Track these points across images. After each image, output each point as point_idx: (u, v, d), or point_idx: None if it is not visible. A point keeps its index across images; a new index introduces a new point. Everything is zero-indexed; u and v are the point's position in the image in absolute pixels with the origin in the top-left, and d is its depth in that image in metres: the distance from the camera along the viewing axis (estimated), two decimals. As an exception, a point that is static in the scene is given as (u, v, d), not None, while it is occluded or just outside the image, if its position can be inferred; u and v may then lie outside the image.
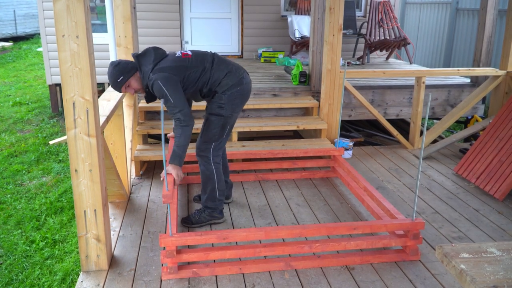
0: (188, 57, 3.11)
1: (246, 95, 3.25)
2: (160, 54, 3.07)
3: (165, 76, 2.96)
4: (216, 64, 3.14)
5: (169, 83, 2.94)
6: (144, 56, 3.05)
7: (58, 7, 2.36)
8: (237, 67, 3.22)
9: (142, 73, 3.04)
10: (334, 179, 4.31)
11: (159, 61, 3.03)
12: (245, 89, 3.22)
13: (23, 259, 3.80)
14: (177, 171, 3.01)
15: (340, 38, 4.71)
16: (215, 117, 3.18)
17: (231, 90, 3.14)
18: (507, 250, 1.69)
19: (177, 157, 3.01)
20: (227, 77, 3.13)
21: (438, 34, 9.66)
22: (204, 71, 3.11)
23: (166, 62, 3.04)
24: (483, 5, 5.33)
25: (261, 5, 7.75)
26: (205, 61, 3.13)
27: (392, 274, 2.82)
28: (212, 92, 3.16)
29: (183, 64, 3.06)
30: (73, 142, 2.57)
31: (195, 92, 3.18)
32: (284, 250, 2.85)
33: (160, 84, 2.92)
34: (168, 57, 3.09)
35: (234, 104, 3.18)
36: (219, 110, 3.16)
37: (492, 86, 5.22)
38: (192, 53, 3.15)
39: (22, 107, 8.45)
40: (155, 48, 3.10)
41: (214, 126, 3.20)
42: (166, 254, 2.70)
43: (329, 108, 4.91)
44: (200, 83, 3.12)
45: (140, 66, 3.04)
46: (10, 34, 16.85)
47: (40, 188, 5.10)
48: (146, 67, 3.02)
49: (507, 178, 3.91)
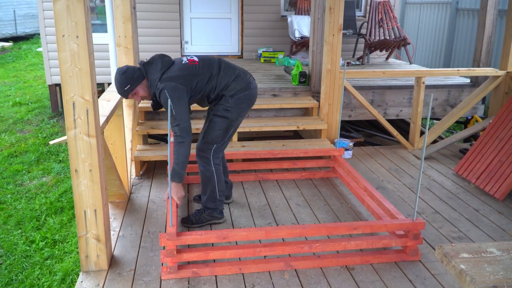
0: (195, 64, 3.10)
1: (253, 100, 3.26)
2: (167, 62, 3.06)
3: (173, 86, 2.95)
4: (223, 70, 3.14)
5: (175, 93, 2.94)
6: (151, 64, 3.04)
7: (58, 7, 2.36)
8: (244, 72, 3.22)
9: (150, 81, 3.03)
10: (334, 179, 4.31)
11: (166, 69, 3.02)
12: (252, 94, 3.22)
13: (23, 259, 3.80)
14: (177, 191, 3.06)
15: (340, 38, 4.71)
16: (219, 119, 3.17)
17: (238, 94, 3.14)
18: (507, 250, 1.69)
19: (177, 176, 3.04)
20: (235, 81, 3.13)
21: (438, 34, 9.67)
22: (211, 78, 3.10)
23: (174, 71, 3.02)
24: (483, 5, 5.33)
25: (261, 5, 7.75)
26: (212, 68, 3.12)
27: (392, 274, 2.82)
28: (219, 96, 3.16)
29: (190, 72, 3.05)
30: (73, 142, 2.57)
31: (202, 98, 3.17)
32: (284, 250, 2.85)
33: (166, 94, 2.92)
34: (175, 64, 3.07)
35: (240, 108, 3.18)
36: (225, 112, 3.15)
37: (492, 86, 5.22)
38: (199, 59, 3.14)
39: (22, 107, 8.45)
40: (161, 56, 3.09)
41: (218, 128, 3.19)
42: (166, 253, 2.71)
43: (329, 108, 4.91)
44: (208, 89, 3.11)
45: (148, 74, 3.03)
46: (10, 34, 16.85)
47: (40, 188, 5.10)
48: (154, 75, 3.00)
49: (507, 178, 3.91)
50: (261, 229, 2.83)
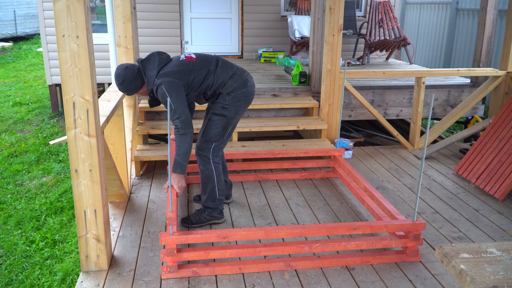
0: (192, 60, 3.12)
1: (250, 98, 3.27)
2: (164, 58, 3.09)
3: (169, 81, 2.98)
4: (220, 67, 3.16)
5: (172, 88, 2.96)
6: (148, 61, 3.07)
7: (58, 7, 2.36)
8: (241, 70, 3.24)
9: (147, 78, 3.05)
10: (334, 179, 4.31)
11: (163, 66, 3.06)
12: (249, 91, 3.24)
13: (23, 259, 3.80)
14: (178, 180, 3.05)
15: (340, 38, 4.71)
16: (217, 117, 3.19)
17: (235, 92, 3.16)
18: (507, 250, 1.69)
19: (178, 166, 3.04)
20: (231, 79, 3.16)
21: (438, 34, 9.67)
22: (208, 74, 3.12)
23: (171, 67, 3.05)
24: (483, 5, 5.34)
25: (261, 5, 7.75)
26: (209, 64, 3.14)
27: (392, 274, 2.82)
28: (216, 94, 3.18)
29: (187, 68, 3.07)
30: (73, 142, 2.57)
31: (199, 95, 3.19)
32: (284, 250, 2.85)
33: (163, 89, 2.94)
34: (172, 61, 3.10)
35: (238, 106, 3.19)
36: (223, 110, 3.17)
37: (492, 87, 5.22)
38: (196, 56, 3.17)
39: (22, 107, 8.46)
40: (159, 53, 3.11)
41: (216, 126, 3.21)
42: (167, 252, 2.71)
43: (329, 108, 4.91)
44: (204, 86, 3.13)
45: (145, 71, 3.06)
46: (10, 34, 16.85)
47: (40, 188, 5.10)
48: (151, 72, 3.04)
49: (507, 178, 3.91)
50: (261, 229, 2.83)
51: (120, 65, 3.10)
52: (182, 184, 3.08)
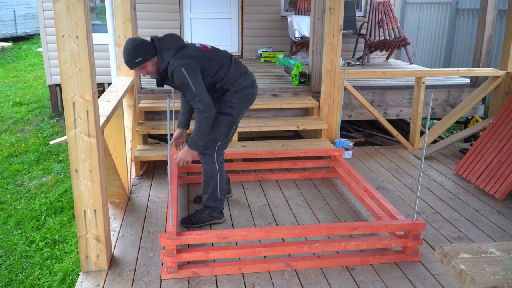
0: (208, 50, 3.14)
1: (253, 99, 3.33)
2: (181, 41, 3.08)
3: (188, 63, 2.96)
4: (234, 63, 3.21)
5: (192, 70, 2.95)
6: (164, 41, 3.03)
7: (58, 7, 2.36)
8: (250, 72, 3.31)
9: (162, 57, 3.00)
10: (334, 179, 4.31)
11: (181, 49, 3.04)
12: (255, 92, 3.30)
13: (23, 259, 3.80)
14: (186, 155, 3.12)
15: (340, 38, 4.71)
16: (224, 117, 3.20)
17: (243, 90, 3.19)
18: (507, 250, 1.69)
19: (194, 143, 3.09)
20: (242, 77, 3.20)
21: (438, 34, 9.67)
22: (222, 67, 3.14)
23: (188, 51, 3.04)
24: (483, 5, 5.33)
25: (261, 5, 7.75)
26: (224, 58, 3.18)
27: (392, 274, 2.82)
28: (224, 89, 3.19)
29: (204, 55, 3.09)
30: (73, 142, 2.57)
31: (208, 86, 3.17)
32: (284, 250, 2.85)
33: (183, 72, 2.92)
34: (189, 46, 3.10)
35: (242, 106, 3.23)
36: (230, 109, 3.19)
37: (492, 87, 5.22)
38: (211, 47, 3.20)
39: (22, 107, 8.45)
40: (175, 35, 3.09)
41: (223, 125, 3.22)
42: (166, 253, 2.71)
43: (329, 108, 4.91)
44: (217, 77, 3.14)
45: (160, 51, 3.01)
46: (10, 34, 16.85)
47: (40, 188, 5.10)
48: (167, 52, 2.99)
49: (507, 178, 3.91)
50: (261, 229, 2.83)
51: (136, 37, 3.07)
52: (189, 159, 3.14)
